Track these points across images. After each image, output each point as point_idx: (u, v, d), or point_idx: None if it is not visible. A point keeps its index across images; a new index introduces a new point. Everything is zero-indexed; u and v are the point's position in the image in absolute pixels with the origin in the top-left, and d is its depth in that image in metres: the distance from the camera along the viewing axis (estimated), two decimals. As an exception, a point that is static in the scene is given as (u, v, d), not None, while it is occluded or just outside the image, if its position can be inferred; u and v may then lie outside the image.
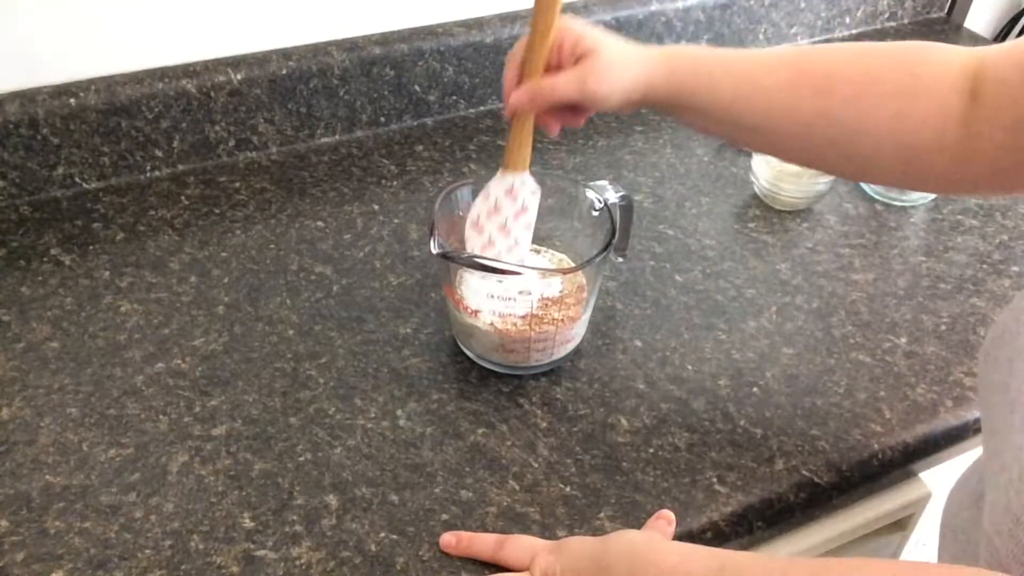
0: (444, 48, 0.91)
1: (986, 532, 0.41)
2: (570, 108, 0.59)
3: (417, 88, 0.92)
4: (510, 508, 0.58)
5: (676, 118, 0.60)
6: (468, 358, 0.68)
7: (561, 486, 0.59)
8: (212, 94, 0.83)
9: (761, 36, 1.09)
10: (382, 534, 0.56)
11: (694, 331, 0.71)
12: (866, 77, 0.52)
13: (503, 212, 0.61)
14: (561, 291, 0.64)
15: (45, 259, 0.76)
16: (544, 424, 0.63)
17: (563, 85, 0.56)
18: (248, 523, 0.57)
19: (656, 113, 0.97)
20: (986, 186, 0.52)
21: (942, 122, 0.50)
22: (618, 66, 0.56)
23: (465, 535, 0.55)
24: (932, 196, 0.86)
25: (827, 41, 1.13)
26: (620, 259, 0.75)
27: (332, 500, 0.58)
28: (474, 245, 0.62)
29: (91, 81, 0.80)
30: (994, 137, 0.49)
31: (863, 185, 0.88)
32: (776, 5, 1.06)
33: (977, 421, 0.65)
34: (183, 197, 0.83)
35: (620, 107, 0.58)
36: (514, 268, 0.62)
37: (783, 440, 0.63)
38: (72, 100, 0.79)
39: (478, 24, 0.92)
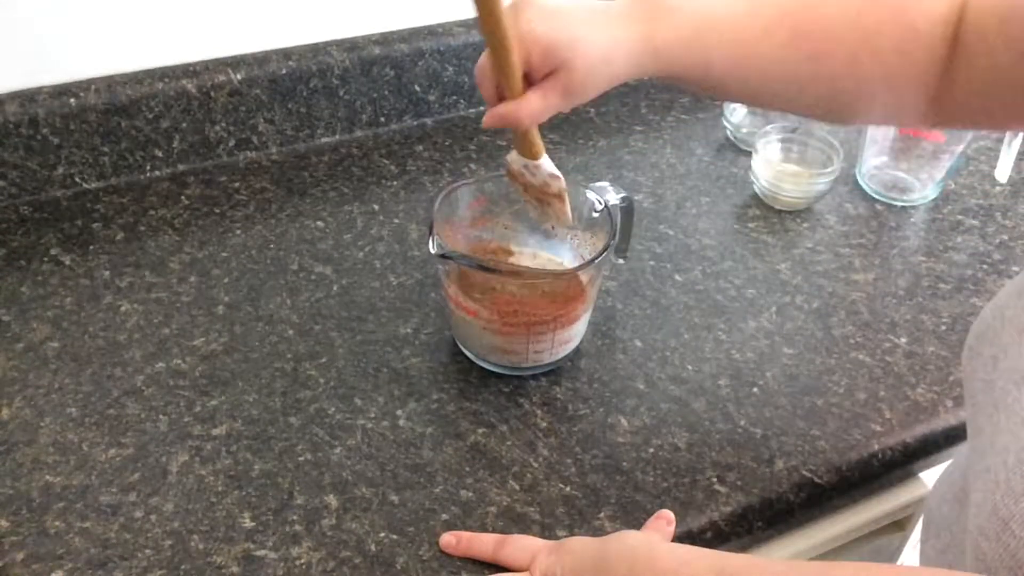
0: (444, 48, 0.91)
1: (972, 534, 0.40)
2: None
3: (417, 88, 0.92)
4: (510, 508, 0.58)
5: (665, 83, 0.59)
6: (468, 358, 0.68)
7: (561, 486, 0.59)
8: (212, 94, 0.83)
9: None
10: (382, 534, 0.56)
11: (694, 331, 0.71)
12: (863, 35, 0.51)
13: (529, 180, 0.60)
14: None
15: (45, 259, 0.76)
16: (544, 424, 0.63)
17: (547, 108, 0.53)
18: (248, 523, 0.57)
19: (656, 112, 0.97)
20: (961, 122, 0.55)
21: (929, 71, 0.51)
22: (598, 68, 0.52)
23: (465, 535, 0.55)
24: (932, 196, 0.86)
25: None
26: (621, 261, 0.75)
27: (332, 500, 0.58)
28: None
29: (91, 81, 0.80)
30: (971, 82, 0.50)
31: (863, 185, 0.87)
32: (776, 5, 1.06)
33: (977, 421, 0.65)
34: (183, 197, 0.83)
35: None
36: (514, 268, 0.63)
37: (783, 440, 0.63)
38: (72, 100, 0.79)
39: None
